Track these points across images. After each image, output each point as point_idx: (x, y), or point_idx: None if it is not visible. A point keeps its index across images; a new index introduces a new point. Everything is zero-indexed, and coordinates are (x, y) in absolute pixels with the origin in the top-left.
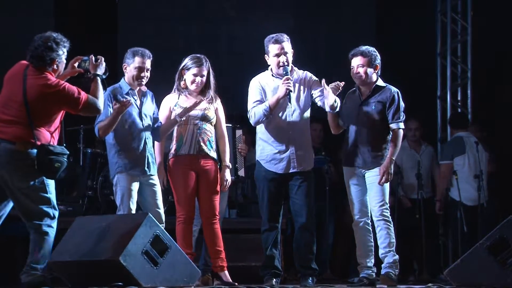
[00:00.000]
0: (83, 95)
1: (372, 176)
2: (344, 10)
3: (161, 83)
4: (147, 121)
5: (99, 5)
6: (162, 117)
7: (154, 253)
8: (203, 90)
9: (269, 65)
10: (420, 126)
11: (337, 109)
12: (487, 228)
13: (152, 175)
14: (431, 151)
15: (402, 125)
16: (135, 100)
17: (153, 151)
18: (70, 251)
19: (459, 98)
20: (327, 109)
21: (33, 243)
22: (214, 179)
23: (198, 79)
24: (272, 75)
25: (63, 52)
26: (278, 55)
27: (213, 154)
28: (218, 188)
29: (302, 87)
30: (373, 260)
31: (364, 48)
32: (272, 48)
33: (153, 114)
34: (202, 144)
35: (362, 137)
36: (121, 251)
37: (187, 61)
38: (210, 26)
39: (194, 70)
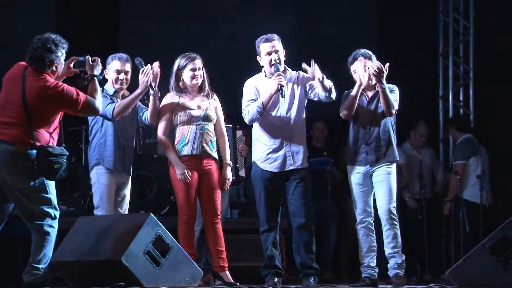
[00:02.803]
0: (82, 96)
1: (381, 174)
2: (345, 10)
3: (163, 82)
4: (128, 123)
5: (100, 5)
6: (163, 117)
7: (156, 254)
8: (200, 86)
9: (262, 67)
10: (429, 132)
11: (332, 92)
12: (489, 228)
13: (127, 176)
14: (432, 152)
15: (396, 104)
16: None
17: (132, 153)
18: (72, 251)
19: (461, 99)
20: (322, 94)
21: (35, 243)
22: (216, 179)
23: (197, 72)
24: (265, 76)
25: (62, 54)
26: (269, 53)
27: (215, 154)
28: (219, 188)
29: (295, 86)
30: (375, 260)
31: (364, 51)
32: (264, 47)
33: (138, 112)
34: (204, 144)
35: (370, 135)
36: (123, 251)
37: (179, 61)
38: (211, 26)
39: (190, 65)
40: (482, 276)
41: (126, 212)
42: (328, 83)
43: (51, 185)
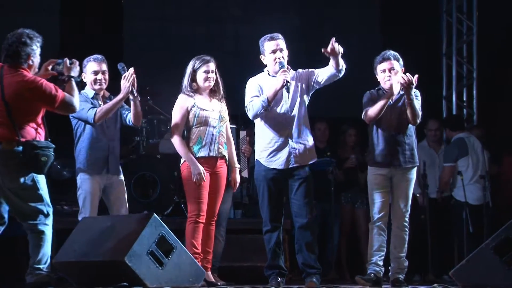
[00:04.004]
0: (60, 92)
1: (403, 181)
2: (349, 10)
3: (167, 83)
4: (111, 124)
5: (104, 5)
6: (178, 118)
7: (160, 254)
8: (213, 89)
9: (265, 66)
10: (440, 127)
11: (342, 70)
12: (492, 228)
13: (115, 176)
14: None
15: (420, 113)
16: (100, 104)
17: (117, 153)
18: (75, 251)
19: (464, 99)
20: (333, 72)
21: (32, 244)
22: (223, 182)
23: (210, 75)
24: (269, 74)
25: (37, 47)
26: (274, 51)
27: (227, 155)
28: (223, 192)
29: (298, 83)
30: (382, 260)
31: (393, 52)
32: (268, 45)
33: (120, 112)
34: (220, 146)
35: (396, 139)
36: (126, 252)
37: (194, 62)
38: (215, 26)
39: (204, 68)
40: (485, 276)
41: (127, 211)
42: (342, 62)
43: (41, 180)
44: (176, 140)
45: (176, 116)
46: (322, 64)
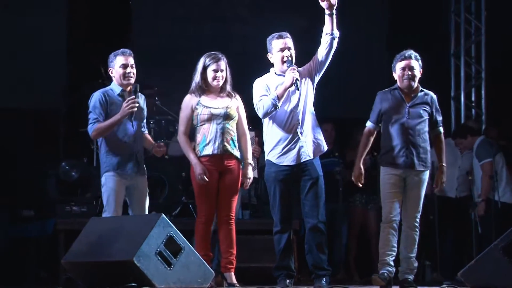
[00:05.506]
0: None
1: (416, 181)
2: (357, 11)
3: (174, 82)
4: (137, 123)
5: (112, 5)
6: (183, 117)
7: (168, 254)
8: (222, 86)
9: (272, 66)
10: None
11: (335, 33)
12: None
13: (139, 175)
14: (472, 154)
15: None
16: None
17: (141, 153)
18: (84, 251)
19: (473, 99)
20: (327, 37)
21: None
22: (236, 179)
23: (218, 74)
24: (275, 73)
25: None
26: (282, 50)
27: (237, 153)
28: (238, 188)
29: (302, 79)
30: (394, 260)
31: (415, 53)
32: (276, 44)
33: (143, 116)
34: (226, 143)
35: (410, 139)
36: (134, 252)
37: (204, 60)
38: (222, 26)
39: (213, 66)
40: (494, 277)
41: (145, 208)
42: (335, 26)
43: None
44: (181, 139)
45: (181, 115)
46: (328, 64)
